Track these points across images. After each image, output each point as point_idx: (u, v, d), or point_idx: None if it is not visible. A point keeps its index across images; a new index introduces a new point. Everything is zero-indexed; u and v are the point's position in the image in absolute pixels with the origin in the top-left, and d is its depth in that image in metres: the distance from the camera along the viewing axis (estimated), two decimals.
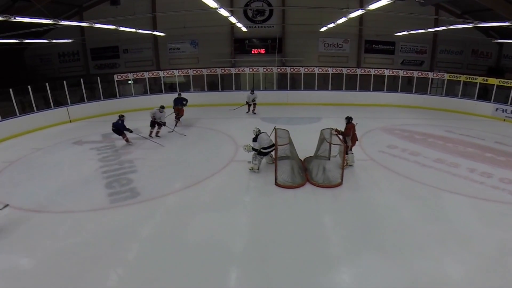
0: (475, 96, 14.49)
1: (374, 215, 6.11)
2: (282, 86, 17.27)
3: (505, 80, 13.56)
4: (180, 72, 16.30)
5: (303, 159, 8.53)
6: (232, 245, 5.22)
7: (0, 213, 5.71)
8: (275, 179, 7.25)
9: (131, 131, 10.11)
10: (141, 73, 15.65)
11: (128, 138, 10.27)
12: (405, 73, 15.89)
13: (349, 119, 8.18)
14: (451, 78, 15.26)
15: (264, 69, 16.67)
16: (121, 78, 15.39)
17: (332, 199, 6.73)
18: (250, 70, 16.64)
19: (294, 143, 8.19)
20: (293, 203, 6.57)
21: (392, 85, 16.12)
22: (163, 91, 16.13)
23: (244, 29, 15.98)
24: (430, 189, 7.11)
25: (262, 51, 18.13)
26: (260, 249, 5.15)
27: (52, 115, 13.08)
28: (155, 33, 16.01)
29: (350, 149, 8.20)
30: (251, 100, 14.18)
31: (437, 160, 8.75)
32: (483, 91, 14.52)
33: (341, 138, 7.87)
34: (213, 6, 8.47)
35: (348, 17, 10.39)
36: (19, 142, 11.03)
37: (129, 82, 15.60)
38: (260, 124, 11.43)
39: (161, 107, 10.98)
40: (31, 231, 5.65)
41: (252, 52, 18.11)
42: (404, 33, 14.99)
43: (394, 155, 9.16)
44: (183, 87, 16.38)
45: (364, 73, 16.25)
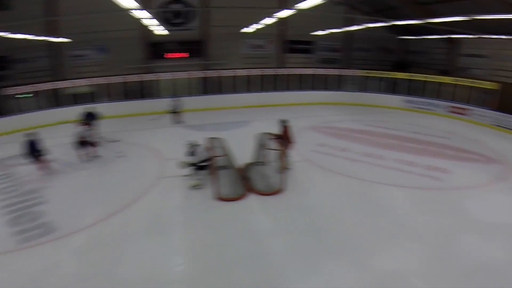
0: (386, 90, 16.38)
1: (322, 217, 6.06)
2: (207, 90, 16.61)
3: (413, 74, 15.73)
4: (87, 81, 14.33)
5: (241, 167, 8.12)
6: (176, 276, 4.59)
7: None
8: (216, 193, 6.66)
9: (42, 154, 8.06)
10: (37, 85, 13.34)
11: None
12: (323, 71, 17.03)
13: (284, 122, 8.07)
14: (364, 74, 16.92)
15: (187, 74, 15.72)
16: (14, 92, 12.95)
17: (278, 207, 6.47)
18: (170, 75, 15.56)
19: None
20: (238, 216, 6.13)
21: (315, 83, 17.05)
22: (64, 104, 14.01)
23: (161, 32, 14.81)
24: (366, 183, 7.45)
25: (186, 55, 17.15)
26: (210, 273, 4.62)
27: None
28: (53, 39, 13.66)
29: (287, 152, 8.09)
30: (174, 107, 13.11)
31: (365, 154, 9.32)
32: (393, 84, 16.46)
33: (279, 142, 7.68)
34: (126, 6, 7.37)
35: (274, 17, 10.41)
36: None
37: (19, 96, 13.10)
38: (187, 132, 10.75)
39: (86, 123, 9.69)
40: None
41: (173, 56, 16.97)
42: (321, 32, 15.98)
43: (326, 153, 9.45)
44: (92, 97, 14.47)
45: (288, 73, 16.73)
